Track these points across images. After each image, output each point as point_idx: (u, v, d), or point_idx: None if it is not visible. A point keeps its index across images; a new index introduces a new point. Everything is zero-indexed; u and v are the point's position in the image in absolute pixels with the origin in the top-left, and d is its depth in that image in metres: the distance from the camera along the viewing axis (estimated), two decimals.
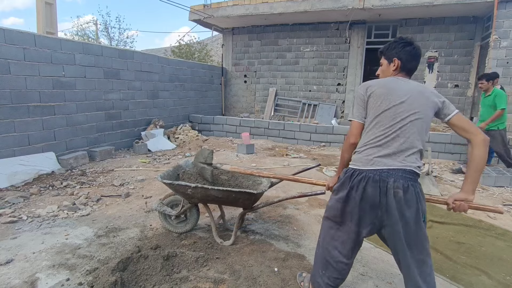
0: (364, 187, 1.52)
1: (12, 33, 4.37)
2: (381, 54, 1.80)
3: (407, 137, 1.54)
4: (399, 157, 1.53)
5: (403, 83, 1.63)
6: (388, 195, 1.49)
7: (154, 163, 5.49)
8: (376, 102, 1.59)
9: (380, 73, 1.82)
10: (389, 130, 1.55)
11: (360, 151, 1.61)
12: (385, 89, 1.60)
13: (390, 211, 1.50)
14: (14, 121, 4.43)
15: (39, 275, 2.16)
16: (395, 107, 1.55)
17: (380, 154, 1.54)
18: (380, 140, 1.56)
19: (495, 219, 3.44)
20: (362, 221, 1.57)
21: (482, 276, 2.34)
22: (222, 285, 2.09)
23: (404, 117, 1.55)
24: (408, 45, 1.69)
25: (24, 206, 3.42)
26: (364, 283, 2.20)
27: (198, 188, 2.41)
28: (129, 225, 3.02)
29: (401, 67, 1.70)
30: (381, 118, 1.57)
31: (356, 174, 1.56)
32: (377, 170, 1.51)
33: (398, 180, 1.48)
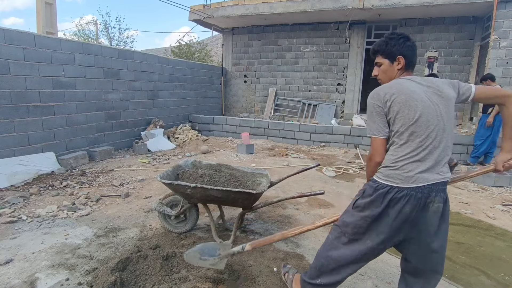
0: (403, 207, 1.41)
1: (12, 33, 4.38)
2: (377, 53, 1.66)
3: (442, 146, 1.45)
4: (438, 169, 1.44)
5: (419, 85, 1.51)
6: (426, 210, 1.42)
7: (154, 163, 5.50)
8: (403, 110, 1.43)
9: (379, 73, 1.66)
10: (426, 141, 1.42)
11: (398, 166, 1.44)
12: (405, 95, 1.44)
13: (426, 226, 1.44)
14: (14, 121, 4.43)
15: (38, 275, 2.17)
16: (424, 114, 1.42)
17: (420, 169, 1.41)
18: (418, 154, 1.42)
19: (495, 219, 3.45)
20: (388, 240, 1.49)
21: (481, 276, 2.35)
22: (221, 285, 2.10)
23: (436, 124, 1.44)
24: (408, 40, 1.60)
25: (24, 206, 3.42)
26: (363, 283, 2.20)
27: (197, 188, 2.42)
28: (129, 225, 3.02)
29: (406, 65, 1.59)
30: (416, 129, 1.42)
31: (393, 192, 1.42)
32: (420, 188, 1.40)
33: (439, 194, 1.42)
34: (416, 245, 1.50)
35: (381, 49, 1.63)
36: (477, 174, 1.75)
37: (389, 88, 1.51)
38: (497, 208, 3.80)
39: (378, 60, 1.66)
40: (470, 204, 3.88)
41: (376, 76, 1.70)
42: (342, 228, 1.59)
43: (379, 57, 1.65)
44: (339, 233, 1.61)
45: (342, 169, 5.28)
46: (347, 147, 7.08)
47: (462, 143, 6.21)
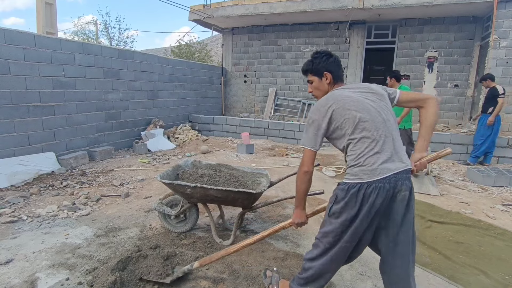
0: (374, 200, 1.46)
1: (12, 33, 4.38)
2: (307, 72, 1.79)
3: (393, 136, 1.54)
4: (397, 157, 1.51)
5: (351, 90, 1.64)
6: (393, 200, 1.48)
7: (154, 163, 5.50)
8: (345, 114, 1.54)
9: (313, 90, 1.80)
10: (377, 133, 1.51)
11: (361, 162, 1.50)
12: (342, 101, 1.57)
13: (393, 215, 1.50)
14: (14, 121, 4.44)
15: (39, 275, 2.17)
16: (366, 111, 1.54)
17: (382, 160, 1.48)
18: (374, 147, 1.50)
19: (494, 219, 3.45)
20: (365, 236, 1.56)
21: (480, 276, 2.35)
22: (221, 285, 2.10)
23: (378, 117, 1.54)
24: (330, 57, 1.74)
25: (24, 206, 3.43)
26: (363, 283, 2.20)
27: (197, 188, 2.42)
28: (129, 224, 3.02)
29: (334, 78, 1.73)
30: (363, 126, 1.52)
31: (364, 189, 1.47)
32: (386, 178, 1.45)
33: (404, 182, 1.48)
34: (384, 235, 1.56)
35: (309, 68, 1.78)
36: None
37: (326, 100, 1.62)
38: (497, 208, 3.80)
39: (309, 78, 1.80)
40: (470, 204, 3.88)
41: (311, 92, 1.83)
42: (324, 239, 1.62)
43: (309, 76, 1.79)
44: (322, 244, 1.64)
45: (342, 169, 5.28)
46: None
47: (462, 142, 6.22)
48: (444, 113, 8.57)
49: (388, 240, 1.56)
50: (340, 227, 1.54)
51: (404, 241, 1.54)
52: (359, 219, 1.49)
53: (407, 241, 1.54)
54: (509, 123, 6.86)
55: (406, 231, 1.53)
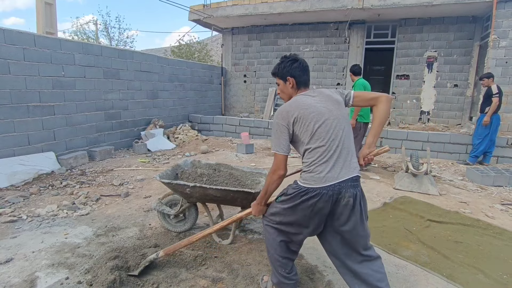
0: (315, 203, 1.60)
1: (12, 33, 4.39)
2: (275, 75, 1.87)
3: (344, 146, 1.66)
4: (345, 165, 1.63)
5: (312, 98, 1.72)
6: (338, 204, 1.61)
7: (154, 163, 5.51)
8: (304, 124, 1.64)
9: (279, 92, 1.90)
10: (329, 144, 1.62)
11: (310, 170, 1.64)
12: (303, 109, 1.66)
13: (340, 217, 1.64)
14: (14, 121, 4.45)
15: (38, 274, 2.18)
16: (323, 121, 1.64)
17: (328, 169, 1.60)
18: (324, 157, 1.62)
19: (493, 219, 3.46)
20: (310, 228, 1.70)
21: (479, 275, 2.35)
22: (220, 284, 2.11)
23: (334, 127, 1.65)
24: (295, 62, 1.79)
25: (24, 205, 3.44)
26: None
27: (196, 188, 2.43)
28: (128, 224, 3.03)
29: (297, 83, 1.80)
30: (318, 136, 1.63)
31: (309, 192, 1.61)
32: (330, 186, 1.58)
33: (348, 190, 1.60)
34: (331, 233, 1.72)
35: (276, 72, 1.86)
36: None
37: (289, 106, 1.71)
38: (496, 207, 3.81)
39: (276, 81, 1.89)
40: (469, 204, 3.89)
41: (279, 94, 1.93)
42: (269, 218, 1.84)
43: (277, 79, 1.88)
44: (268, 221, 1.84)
45: None
46: None
47: (461, 142, 6.22)
48: (443, 113, 8.58)
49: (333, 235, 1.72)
50: (283, 211, 1.74)
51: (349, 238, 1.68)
52: (299, 212, 1.67)
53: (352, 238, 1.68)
54: (508, 122, 6.86)
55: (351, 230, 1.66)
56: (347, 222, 1.64)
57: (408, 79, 8.82)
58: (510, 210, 3.75)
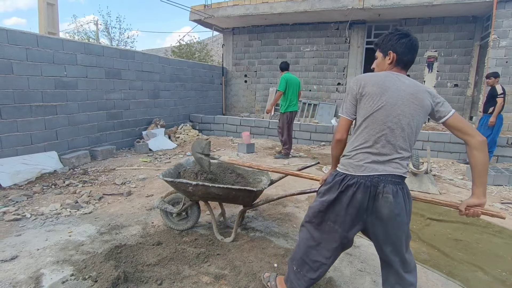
0: (354, 193, 1.51)
1: (15, 33, 4.42)
2: (377, 47, 1.71)
3: (396, 144, 1.51)
4: (389, 162, 1.51)
5: (398, 82, 1.53)
6: (377, 199, 1.50)
7: (155, 162, 5.54)
8: (368, 101, 1.52)
9: (375, 66, 1.73)
10: (379, 134, 1.50)
11: (351, 155, 1.56)
12: (378, 88, 1.50)
13: (379, 214, 1.51)
14: (17, 121, 4.48)
15: (43, 271, 2.21)
16: (385, 109, 1.48)
17: (370, 160, 1.51)
18: (370, 146, 1.51)
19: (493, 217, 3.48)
20: (347, 225, 1.58)
21: (478, 272, 2.38)
22: (223, 281, 2.14)
23: (395, 122, 1.49)
24: (404, 37, 1.59)
25: (27, 204, 3.47)
26: (362, 279, 2.24)
27: (199, 186, 2.46)
28: (131, 222, 3.06)
29: (397, 61, 1.60)
30: (371, 121, 1.51)
31: (347, 180, 1.54)
32: (369, 176, 1.49)
33: (387, 185, 1.48)
34: (374, 233, 1.59)
35: (379, 43, 1.69)
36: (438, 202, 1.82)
37: (369, 77, 1.57)
38: (496, 206, 3.83)
39: (376, 53, 1.72)
40: None
41: (373, 69, 1.75)
42: (308, 212, 1.73)
43: (377, 51, 1.71)
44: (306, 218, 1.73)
45: None
46: None
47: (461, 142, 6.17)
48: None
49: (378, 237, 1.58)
50: (319, 205, 1.63)
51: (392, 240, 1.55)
52: (338, 205, 1.56)
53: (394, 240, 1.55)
54: (509, 122, 6.89)
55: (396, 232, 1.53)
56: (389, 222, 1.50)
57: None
58: (510, 209, 3.78)
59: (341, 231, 1.60)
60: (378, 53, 1.69)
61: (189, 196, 2.66)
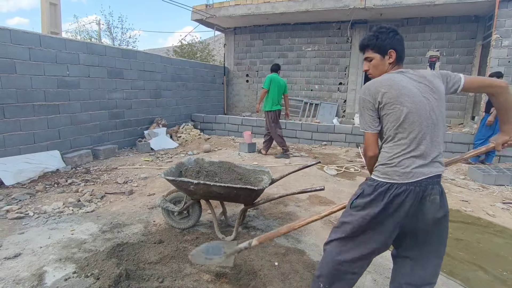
0: (402, 201, 1.41)
1: (18, 33, 4.45)
2: (368, 48, 1.62)
3: (435, 140, 1.47)
4: (433, 162, 1.46)
5: (410, 79, 1.50)
6: (423, 202, 1.43)
7: (157, 162, 5.56)
8: (394, 107, 1.45)
9: (370, 68, 1.64)
10: (419, 136, 1.44)
11: (394, 163, 1.45)
12: (396, 90, 1.45)
13: (424, 216, 1.45)
14: (20, 120, 4.51)
15: (46, 268, 2.23)
16: (416, 109, 1.44)
17: (417, 164, 1.43)
18: (413, 149, 1.44)
19: (494, 217, 3.48)
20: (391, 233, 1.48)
21: (479, 272, 2.39)
22: (224, 279, 2.15)
23: (428, 119, 1.45)
24: (397, 34, 1.59)
25: (30, 202, 3.50)
26: (363, 277, 2.24)
27: (200, 185, 2.47)
28: (133, 221, 3.08)
29: (397, 58, 1.58)
30: (407, 125, 1.44)
31: (393, 189, 1.42)
32: (418, 182, 1.41)
33: (435, 186, 1.44)
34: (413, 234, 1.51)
35: (372, 43, 1.61)
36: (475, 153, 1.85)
37: (380, 83, 1.50)
38: (497, 206, 3.83)
39: (368, 55, 1.63)
40: (470, 202, 3.91)
41: (367, 71, 1.68)
42: (341, 227, 1.57)
43: (369, 52, 1.63)
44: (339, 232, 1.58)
45: (343, 167, 5.32)
46: (349, 146, 7.12)
47: (463, 142, 6.23)
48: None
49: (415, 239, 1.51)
50: (360, 220, 1.49)
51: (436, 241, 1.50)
52: (384, 217, 1.45)
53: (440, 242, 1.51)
54: None
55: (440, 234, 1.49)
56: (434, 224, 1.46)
57: None
58: (511, 208, 3.77)
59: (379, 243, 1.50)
60: (373, 54, 1.61)
61: (190, 195, 2.67)
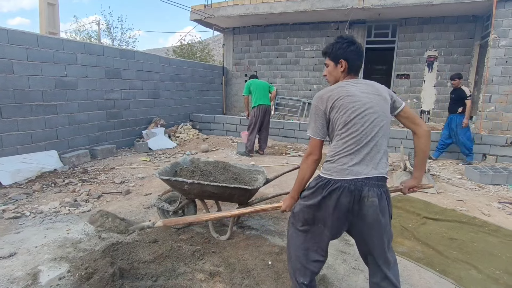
0: (338, 197, 1.51)
1: (15, 33, 4.46)
2: (326, 55, 1.75)
3: (376, 143, 1.55)
4: (372, 164, 1.53)
5: (359, 87, 1.61)
6: (362, 203, 1.51)
7: (155, 162, 5.57)
8: (341, 111, 1.55)
9: (327, 74, 1.78)
10: (360, 138, 1.53)
11: (334, 160, 1.56)
12: (345, 97, 1.56)
13: (364, 217, 1.53)
14: (18, 120, 4.52)
15: (41, 268, 2.25)
16: (361, 114, 1.54)
17: (353, 162, 1.52)
18: (352, 149, 1.53)
19: (489, 216, 3.49)
20: (334, 227, 1.60)
21: (471, 270, 2.40)
22: (217, 277, 2.16)
23: (371, 122, 1.54)
24: (352, 45, 1.67)
25: (27, 202, 3.51)
26: (355, 276, 2.26)
27: (194, 184, 2.48)
28: None
29: (349, 68, 1.68)
30: (350, 127, 1.54)
31: (330, 184, 1.53)
32: (352, 180, 1.50)
33: (372, 189, 1.51)
34: (361, 235, 1.61)
35: (328, 52, 1.73)
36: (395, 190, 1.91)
37: (330, 91, 1.61)
38: (493, 205, 3.84)
39: (326, 61, 1.76)
40: (466, 202, 3.92)
41: (325, 76, 1.80)
42: (294, 219, 1.72)
43: (327, 59, 1.75)
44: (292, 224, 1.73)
45: None
46: None
47: None
48: (444, 112, 8.57)
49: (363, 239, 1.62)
50: (306, 209, 1.63)
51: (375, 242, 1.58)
52: (323, 209, 1.56)
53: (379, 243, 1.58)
54: (508, 122, 6.87)
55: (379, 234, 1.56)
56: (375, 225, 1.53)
57: (409, 78, 8.84)
58: (507, 208, 3.78)
59: (329, 234, 1.62)
60: (329, 61, 1.74)
61: (185, 194, 2.69)
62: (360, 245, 1.68)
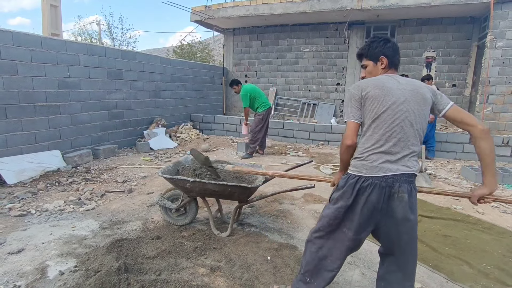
0: (369, 194, 1.51)
1: (20, 35, 4.55)
2: (362, 57, 1.78)
3: (407, 140, 1.53)
4: (402, 161, 1.53)
5: (396, 82, 1.60)
6: (392, 199, 1.51)
7: (156, 161, 5.66)
8: (373, 104, 1.55)
9: (366, 75, 1.78)
10: (390, 134, 1.52)
11: (363, 157, 1.57)
12: (380, 90, 1.56)
13: (393, 214, 1.52)
14: (22, 120, 4.61)
15: (48, 263, 2.33)
16: (392, 109, 1.53)
17: (384, 159, 1.52)
18: (382, 145, 1.53)
19: (484, 214, 3.57)
20: (361, 228, 1.59)
21: (463, 266, 2.48)
22: (218, 272, 2.25)
23: (403, 119, 1.52)
24: (388, 42, 1.72)
25: (32, 201, 3.60)
26: (351, 271, 2.34)
27: (196, 183, 2.57)
28: (132, 218, 3.18)
29: (389, 64, 1.70)
30: (380, 122, 1.54)
31: (361, 182, 1.54)
32: (383, 177, 1.50)
33: (402, 185, 1.50)
34: (386, 232, 1.61)
35: (365, 52, 1.76)
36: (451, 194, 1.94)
37: (368, 82, 1.63)
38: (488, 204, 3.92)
39: (363, 62, 1.78)
40: (461, 200, 4.00)
41: (364, 78, 1.80)
42: (320, 221, 1.71)
43: (364, 60, 1.78)
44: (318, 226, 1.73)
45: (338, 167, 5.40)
46: None
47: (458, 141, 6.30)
48: None
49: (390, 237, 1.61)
50: (334, 212, 1.62)
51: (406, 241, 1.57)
52: (354, 209, 1.56)
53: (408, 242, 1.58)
54: (505, 122, 6.96)
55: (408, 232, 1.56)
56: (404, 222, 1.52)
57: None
58: (501, 206, 3.86)
59: (352, 235, 1.60)
60: (367, 62, 1.75)
61: (187, 193, 2.77)
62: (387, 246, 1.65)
